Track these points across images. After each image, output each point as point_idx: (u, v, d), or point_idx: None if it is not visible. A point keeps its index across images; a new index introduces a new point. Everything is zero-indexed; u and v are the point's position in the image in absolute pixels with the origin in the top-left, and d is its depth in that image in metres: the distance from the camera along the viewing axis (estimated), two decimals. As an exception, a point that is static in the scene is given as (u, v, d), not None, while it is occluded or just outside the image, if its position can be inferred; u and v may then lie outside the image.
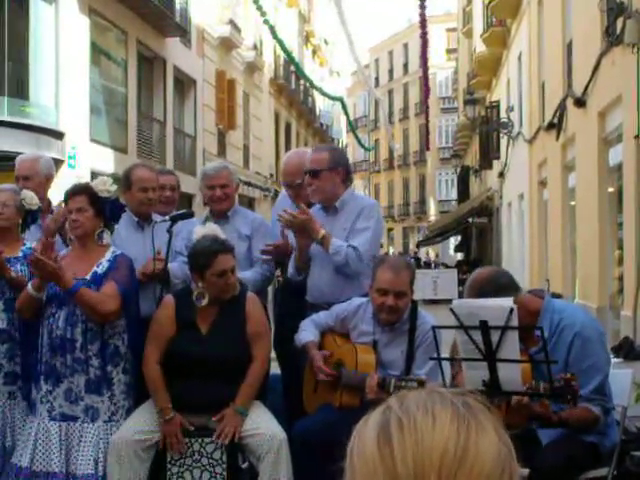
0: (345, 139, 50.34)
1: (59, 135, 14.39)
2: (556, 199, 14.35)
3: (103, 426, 3.93)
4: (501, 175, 22.88)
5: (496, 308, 3.14)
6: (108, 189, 4.04)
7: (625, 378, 3.87)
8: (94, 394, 3.94)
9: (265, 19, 22.61)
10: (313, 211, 4.46)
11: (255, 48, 27.01)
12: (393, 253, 37.60)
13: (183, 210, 4.76)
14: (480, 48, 24.24)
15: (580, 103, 11.28)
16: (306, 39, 36.69)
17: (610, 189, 10.59)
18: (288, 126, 33.28)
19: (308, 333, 4.21)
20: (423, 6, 30.99)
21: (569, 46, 12.87)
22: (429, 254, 45.67)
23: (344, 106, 38.63)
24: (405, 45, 56.63)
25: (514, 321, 3.09)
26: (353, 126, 45.84)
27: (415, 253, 43.04)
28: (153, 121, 19.48)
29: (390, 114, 56.69)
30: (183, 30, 19.86)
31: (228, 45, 23.97)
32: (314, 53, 38.89)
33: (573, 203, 13.07)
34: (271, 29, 23.47)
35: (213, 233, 4.11)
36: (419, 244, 44.26)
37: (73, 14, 14.93)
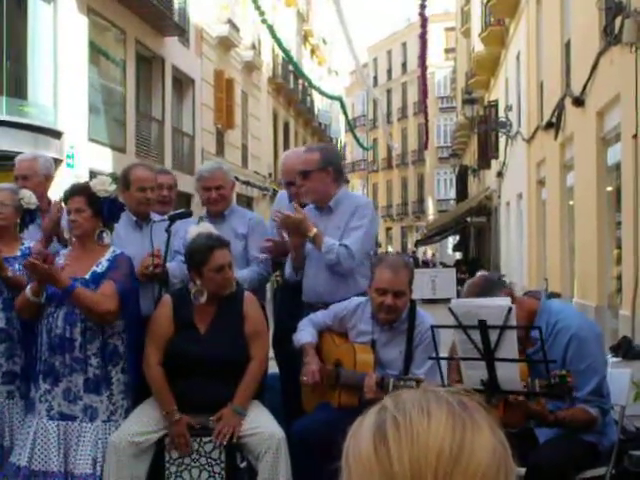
0: (343, 138, 50.31)
1: (57, 134, 14.37)
2: (555, 198, 14.35)
3: (102, 426, 3.93)
4: (499, 174, 22.88)
5: (494, 307, 3.15)
6: (106, 189, 4.03)
7: (623, 377, 3.87)
8: (93, 394, 3.93)
9: (263, 18, 22.60)
10: (306, 211, 4.46)
11: (253, 47, 26.99)
12: (390, 252, 37.59)
13: (182, 209, 4.76)
14: (478, 47, 24.23)
15: (578, 102, 11.28)
16: (304, 38, 36.67)
17: (609, 188, 10.60)
18: (286, 125, 33.26)
19: (306, 334, 4.21)
20: (423, 6, 31.00)
21: (567, 45, 12.86)
22: (426, 253, 45.64)
23: (342, 105, 38.60)
24: (404, 44, 56.62)
25: (512, 320, 3.09)
26: (352, 125, 45.83)
27: (413, 252, 43.05)
28: (151, 120, 19.47)
29: (388, 113, 56.70)
30: (181, 29, 19.84)
31: (226, 44, 23.95)
32: (312, 52, 38.87)
33: (572, 202, 13.07)
34: (269, 28, 23.45)
35: (207, 231, 4.11)
36: (417, 243, 44.29)
37: (72, 13, 14.91)
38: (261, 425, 3.90)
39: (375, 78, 59.15)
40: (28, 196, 4.45)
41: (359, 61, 34.46)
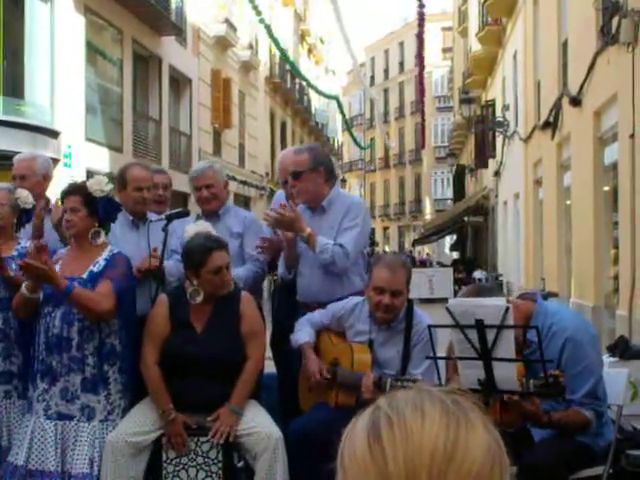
0: (341, 138, 50.33)
1: (54, 134, 14.36)
2: (551, 198, 14.36)
3: (99, 425, 3.92)
4: (497, 174, 22.90)
5: (492, 307, 3.14)
6: (102, 189, 4.03)
7: (620, 377, 3.87)
8: (90, 393, 3.93)
9: (260, 18, 22.59)
10: (299, 211, 4.46)
11: (251, 47, 27.00)
12: (387, 252, 37.60)
13: (179, 209, 4.76)
14: (476, 47, 24.23)
15: (575, 102, 11.28)
16: (302, 38, 36.66)
17: (605, 188, 10.60)
18: (284, 125, 33.26)
19: (304, 333, 4.21)
20: (422, 5, 31.00)
21: (564, 45, 12.87)
22: (421, 253, 45.63)
23: (340, 105, 38.62)
24: (401, 44, 56.67)
25: (510, 320, 3.09)
26: (349, 125, 45.84)
27: (410, 252, 43.07)
28: (149, 120, 19.47)
29: (386, 113, 56.71)
30: (179, 29, 19.84)
31: (224, 44, 23.95)
32: (310, 52, 38.87)
33: (569, 202, 13.08)
34: (267, 28, 23.44)
35: (205, 230, 4.10)
36: (415, 243, 44.30)
37: (68, 13, 14.90)
38: (258, 425, 3.90)
39: (372, 77, 59.16)
40: (25, 196, 4.45)
41: (356, 60, 34.46)
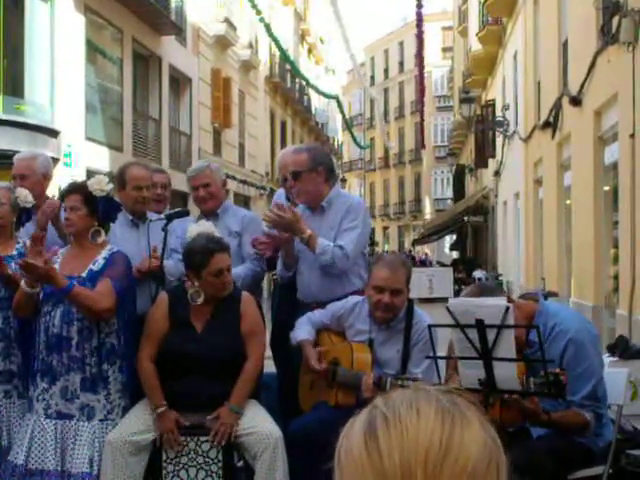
0: (341, 137, 50.31)
1: (54, 133, 14.35)
2: (552, 198, 14.35)
3: (99, 425, 3.92)
4: (497, 174, 22.90)
5: (492, 306, 3.14)
6: (102, 188, 4.02)
7: (620, 377, 3.87)
8: (90, 392, 3.93)
9: (260, 17, 22.58)
10: (299, 211, 4.45)
11: (251, 46, 26.98)
12: (387, 252, 37.60)
13: (179, 208, 4.76)
14: (476, 47, 24.22)
15: (576, 102, 11.28)
16: (302, 37, 36.64)
17: (606, 188, 10.60)
18: (284, 124, 33.24)
19: (303, 331, 4.21)
20: (420, 5, 31.01)
21: (565, 45, 12.86)
22: (420, 252, 45.60)
23: (339, 104, 38.60)
24: (401, 43, 56.65)
25: (510, 320, 3.09)
26: (349, 124, 45.83)
27: (410, 251, 43.06)
28: (148, 119, 19.45)
29: (386, 112, 56.70)
30: (179, 28, 19.82)
31: (224, 43, 23.93)
32: (310, 51, 38.84)
33: (569, 202, 13.08)
34: (266, 27, 23.43)
35: (208, 231, 4.10)
36: (414, 242, 44.29)
37: (68, 12, 14.89)
38: (258, 424, 3.90)
39: (372, 77, 59.16)
40: (24, 195, 4.44)
41: (356, 60, 34.47)
